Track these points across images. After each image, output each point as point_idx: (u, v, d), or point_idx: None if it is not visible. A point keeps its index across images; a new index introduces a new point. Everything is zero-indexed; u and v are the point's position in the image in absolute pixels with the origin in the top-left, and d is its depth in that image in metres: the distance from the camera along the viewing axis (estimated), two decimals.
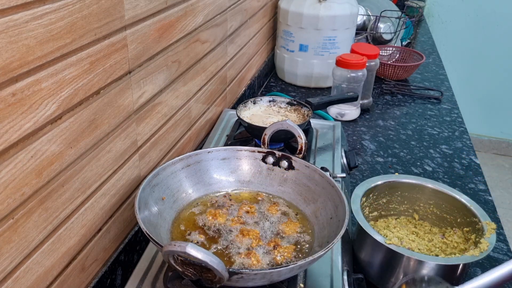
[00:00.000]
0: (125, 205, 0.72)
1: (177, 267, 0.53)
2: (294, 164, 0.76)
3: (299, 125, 0.79)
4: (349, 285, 0.66)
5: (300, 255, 0.64)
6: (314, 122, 1.10)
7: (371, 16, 1.78)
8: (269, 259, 0.63)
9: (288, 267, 0.54)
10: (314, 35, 1.47)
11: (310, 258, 0.55)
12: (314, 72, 1.53)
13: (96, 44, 0.58)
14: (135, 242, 0.76)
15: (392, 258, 0.72)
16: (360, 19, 1.75)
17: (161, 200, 0.70)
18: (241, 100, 1.31)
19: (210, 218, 0.70)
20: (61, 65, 0.52)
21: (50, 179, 0.53)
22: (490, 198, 1.02)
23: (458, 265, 0.70)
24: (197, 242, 0.66)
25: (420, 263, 0.69)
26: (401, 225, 0.84)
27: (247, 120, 0.99)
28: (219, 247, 0.65)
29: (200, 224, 0.69)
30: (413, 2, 2.35)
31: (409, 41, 2.08)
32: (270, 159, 0.78)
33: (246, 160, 0.79)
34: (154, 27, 0.72)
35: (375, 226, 0.83)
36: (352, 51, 1.36)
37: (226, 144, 1.00)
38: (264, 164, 0.78)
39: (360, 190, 0.80)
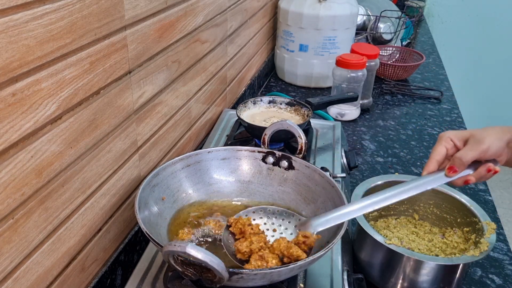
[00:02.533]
0: (125, 205, 0.72)
1: (177, 267, 0.52)
2: (294, 164, 0.76)
3: (299, 125, 0.79)
4: (349, 285, 0.66)
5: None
6: (314, 122, 1.10)
7: (371, 16, 1.78)
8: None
9: (288, 267, 0.54)
10: (314, 35, 1.47)
11: (310, 258, 0.55)
12: (314, 72, 1.53)
13: (96, 44, 0.58)
14: (135, 242, 0.76)
15: (392, 258, 0.72)
16: (360, 19, 1.75)
17: (161, 200, 0.70)
18: (241, 100, 1.31)
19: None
20: (61, 65, 0.52)
21: (50, 179, 0.53)
22: (490, 198, 1.02)
23: (458, 265, 0.70)
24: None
25: (420, 263, 0.69)
26: (401, 225, 0.84)
27: (247, 120, 0.99)
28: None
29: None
30: (413, 2, 2.35)
31: (409, 41, 2.08)
32: (270, 159, 0.78)
33: (246, 160, 0.79)
34: (154, 27, 0.72)
35: (375, 226, 0.83)
36: (352, 51, 1.36)
37: (226, 144, 1.00)
38: (264, 164, 0.78)
39: (360, 190, 0.80)
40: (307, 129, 1.04)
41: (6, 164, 0.46)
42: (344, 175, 0.87)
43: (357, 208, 0.63)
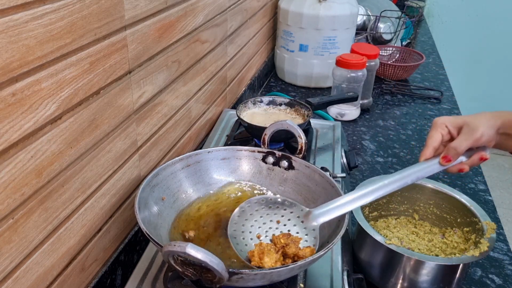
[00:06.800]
0: (125, 205, 0.73)
1: (177, 267, 0.52)
2: (294, 164, 0.76)
3: (299, 125, 0.79)
4: (349, 285, 0.66)
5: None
6: (314, 122, 1.10)
7: (371, 16, 1.78)
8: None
9: (288, 267, 0.54)
10: (314, 35, 1.47)
11: (310, 258, 0.55)
12: (314, 72, 1.53)
13: (96, 44, 0.58)
14: (135, 242, 0.76)
15: (392, 258, 0.72)
16: (360, 19, 1.75)
17: (161, 200, 0.70)
18: (241, 100, 1.31)
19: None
20: (61, 65, 0.52)
21: (50, 179, 0.53)
22: (490, 198, 1.02)
23: (458, 265, 0.70)
24: None
25: (420, 263, 0.69)
26: (401, 225, 0.84)
27: (247, 120, 0.99)
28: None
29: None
30: (413, 2, 2.35)
31: (409, 41, 2.08)
32: (270, 159, 0.78)
33: (246, 160, 0.79)
34: (154, 27, 0.72)
35: (375, 226, 0.83)
36: (352, 51, 1.36)
37: (226, 144, 1.00)
38: (264, 164, 0.78)
39: None
40: (307, 129, 1.04)
41: (6, 164, 0.46)
42: (344, 175, 0.87)
43: (357, 196, 0.64)
